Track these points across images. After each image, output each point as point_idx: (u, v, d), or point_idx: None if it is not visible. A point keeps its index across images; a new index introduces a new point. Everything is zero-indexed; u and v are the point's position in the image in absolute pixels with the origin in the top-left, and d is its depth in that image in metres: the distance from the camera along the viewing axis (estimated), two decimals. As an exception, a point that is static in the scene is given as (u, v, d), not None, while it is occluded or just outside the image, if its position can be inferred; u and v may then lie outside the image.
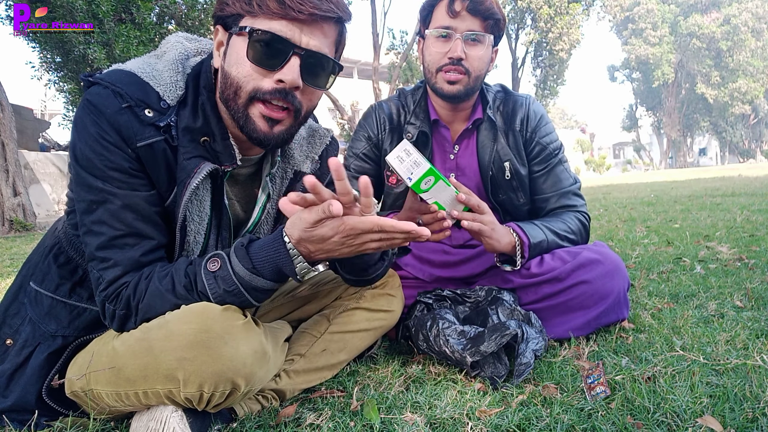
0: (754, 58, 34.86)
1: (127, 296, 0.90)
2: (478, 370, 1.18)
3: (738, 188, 7.52)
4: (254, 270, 0.89)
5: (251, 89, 0.89)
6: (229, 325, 0.85)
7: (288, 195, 0.87)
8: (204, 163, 0.93)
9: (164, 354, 0.84)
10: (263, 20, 0.87)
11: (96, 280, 0.92)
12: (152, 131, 0.90)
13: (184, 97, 0.94)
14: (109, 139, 0.88)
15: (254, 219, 1.10)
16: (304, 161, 1.12)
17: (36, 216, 7.38)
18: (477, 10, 1.38)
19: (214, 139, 0.95)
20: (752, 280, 1.93)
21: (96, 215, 0.90)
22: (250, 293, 0.90)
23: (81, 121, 0.89)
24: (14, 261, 3.94)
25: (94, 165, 0.88)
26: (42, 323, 1.00)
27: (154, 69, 0.94)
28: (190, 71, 0.98)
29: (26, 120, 10.82)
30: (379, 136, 1.60)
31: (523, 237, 1.40)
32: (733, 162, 41.84)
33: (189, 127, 0.93)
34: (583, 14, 21.47)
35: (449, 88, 1.43)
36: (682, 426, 0.89)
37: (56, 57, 8.32)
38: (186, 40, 1.04)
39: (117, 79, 0.90)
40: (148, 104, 0.90)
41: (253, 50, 0.87)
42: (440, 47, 1.42)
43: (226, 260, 0.89)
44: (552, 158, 1.55)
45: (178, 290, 0.90)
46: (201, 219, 0.98)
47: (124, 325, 0.92)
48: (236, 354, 0.85)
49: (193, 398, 0.86)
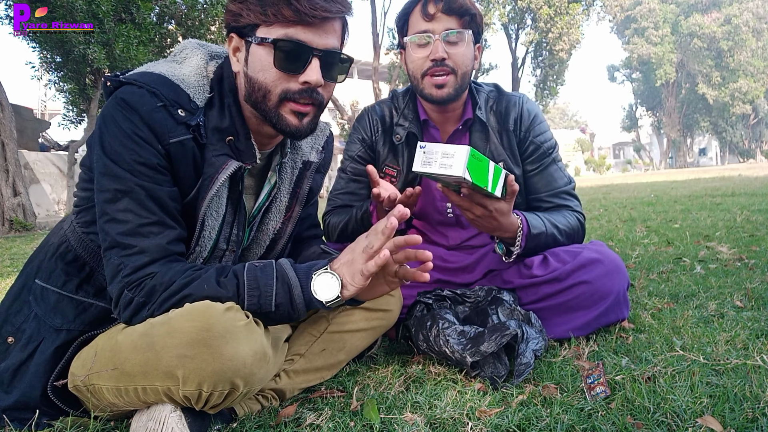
0: (755, 58, 34.85)
1: (151, 285, 0.90)
2: (478, 370, 1.18)
3: (738, 188, 7.52)
4: (293, 265, 0.96)
5: (280, 92, 0.98)
6: (231, 324, 0.85)
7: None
8: (231, 160, 0.99)
9: (165, 351, 0.84)
10: (279, 28, 0.94)
11: (116, 267, 0.92)
12: (183, 130, 0.96)
13: (210, 99, 1.01)
14: (141, 135, 0.92)
15: (259, 203, 1.15)
16: (311, 152, 1.20)
17: (36, 216, 7.39)
18: (451, 8, 1.38)
19: (238, 138, 1.03)
20: (752, 280, 1.93)
21: (121, 204, 0.92)
22: (278, 282, 0.93)
23: (112, 117, 0.93)
24: (14, 261, 3.94)
25: (123, 158, 0.92)
26: (47, 318, 1.01)
27: (181, 73, 1.00)
28: (213, 75, 1.04)
29: (26, 120, 10.82)
30: (373, 138, 1.61)
31: (524, 224, 1.39)
32: (733, 162, 41.82)
33: (217, 127, 1.00)
34: (583, 14, 21.45)
35: (438, 92, 1.42)
36: (682, 426, 0.89)
37: (56, 57, 8.33)
38: (200, 46, 1.09)
39: (151, 80, 0.96)
40: (181, 104, 0.96)
41: (278, 58, 0.95)
42: (421, 52, 1.42)
43: (272, 261, 0.97)
44: (546, 157, 1.54)
45: (208, 272, 0.93)
46: (218, 214, 1.03)
47: (137, 313, 0.92)
48: (237, 354, 0.85)
49: (191, 397, 0.86)
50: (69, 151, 9.48)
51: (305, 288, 0.94)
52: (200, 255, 1.05)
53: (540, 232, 1.41)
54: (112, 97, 0.95)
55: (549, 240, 1.44)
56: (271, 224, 1.19)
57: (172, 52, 1.09)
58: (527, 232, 1.39)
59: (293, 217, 1.20)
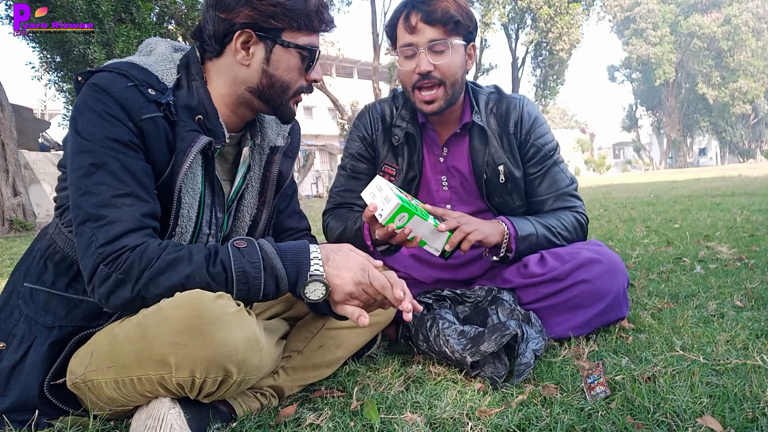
0: (755, 58, 34.85)
1: (131, 261, 0.89)
2: (478, 370, 1.18)
3: (738, 188, 7.52)
4: (278, 251, 0.96)
5: (297, 87, 1.11)
6: (221, 311, 0.86)
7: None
8: (201, 135, 1.03)
9: (157, 339, 0.85)
10: (304, 36, 1.06)
11: (88, 239, 0.90)
12: (154, 107, 0.99)
13: (178, 81, 1.06)
14: (112, 113, 0.94)
15: (236, 186, 1.19)
16: (277, 137, 1.25)
17: (36, 216, 7.38)
18: (432, 18, 1.36)
19: (207, 118, 1.07)
20: (752, 280, 1.93)
21: (95, 177, 0.92)
22: (266, 273, 0.93)
23: (84, 102, 0.96)
24: (14, 261, 3.94)
25: (95, 136, 0.94)
26: (39, 317, 1.01)
27: (148, 60, 1.06)
28: (179, 62, 1.10)
29: (26, 120, 10.81)
30: (373, 136, 1.60)
31: (511, 229, 1.39)
32: (733, 162, 41.83)
33: (187, 105, 1.04)
34: (583, 14, 21.45)
35: (428, 107, 1.43)
36: (682, 426, 0.89)
37: (56, 57, 8.31)
38: (164, 40, 1.16)
39: (120, 65, 1.00)
40: (150, 84, 1.00)
41: (305, 62, 1.09)
42: (408, 65, 1.41)
43: (254, 241, 0.97)
44: (547, 160, 1.54)
45: (195, 258, 0.91)
46: (194, 192, 1.05)
47: (115, 291, 0.89)
48: (228, 339, 0.85)
49: (185, 384, 0.87)
50: (68, 133, 9.45)
51: (293, 285, 0.97)
52: (183, 238, 1.05)
53: (529, 233, 1.42)
54: (84, 86, 0.98)
55: (542, 241, 1.45)
56: (247, 210, 1.21)
57: (138, 48, 1.15)
58: (515, 234, 1.39)
59: (267, 202, 1.23)
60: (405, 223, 1.23)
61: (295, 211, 1.37)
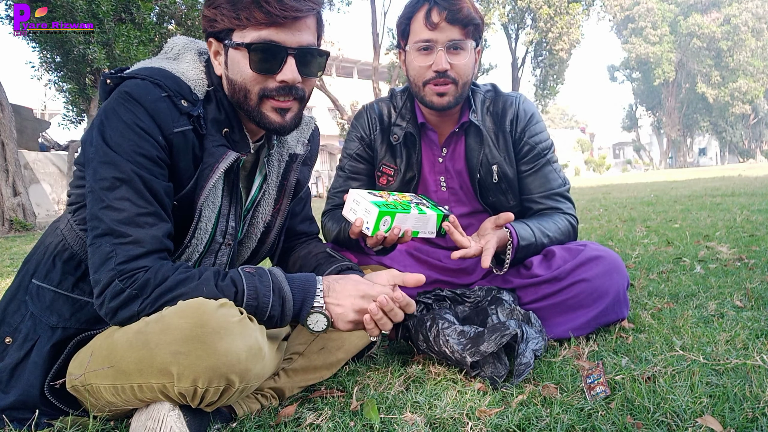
0: (755, 57, 34.85)
1: (146, 278, 0.90)
2: (478, 370, 1.18)
3: (738, 188, 7.52)
4: (286, 278, 0.98)
5: (258, 91, 1.01)
6: (225, 320, 0.86)
7: None
8: (230, 151, 1.02)
9: (159, 348, 0.84)
10: (252, 31, 0.97)
11: (106, 254, 0.90)
12: (185, 120, 0.98)
13: (209, 92, 1.04)
14: (142, 126, 0.93)
15: (252, 195, 1.18)
16: (297, 144, 1.23)
17: (36, 216, 7.39)
18: (456, 18, 1.35)
19: (233, 130, 1.06)
20: (752, 280, 1.93)
21: (119, 192, 0.92)
22: (275, 295, 0.95)
23: (114, 110, 0.94)
24: (14, 261, 3.94)
25: (123, 148, 0.93)
26: (43, 316, 1.01)
27: (179, 67, 1.03)
28: (205, 69, 1.07)
29: (26, 120, 10.82)
30: (371, 136, 1.60)
31: (514, 237, 1.39)
32: (733, 162, 41.84)
33: (216, 118, 1.04)
34: (583, 14, 21.45)
35: (439, 100, 1.42)
36: (682, 426, 0.89)
37: (56, 57, 8.32)
38: (189, 42, 1.12)
39: (153, 73, 0.98)
40: (183, 95, 0.99)
41: (254, 61, 0.98)
42: (423, 61, 1.40)
43: (263, 267, 0.99)
44: (540, 158, 1.54)
45: (205, 275, 0.93)
46: (214, 205, 1.05)
47: (125, 306, 0.90)
48: (231, 349, 0.85)
49: (186, 393, 0.86)
50: (69, 151, 9.48)
51: (297, 312, 0.98)
52: (196, 249, 1.05)
53: (529, 243, 1.42)
54: (115, 92, 0.96)
55: (539, 249, 1.45)
56: (261, 217, 1.20)
57: (162, 49, 1.11)
58: (517, 244, 1.39)
59: (282, 210, 1.22)
60: (390, 225, 1.22)
61: (308, 216, 1.37)
